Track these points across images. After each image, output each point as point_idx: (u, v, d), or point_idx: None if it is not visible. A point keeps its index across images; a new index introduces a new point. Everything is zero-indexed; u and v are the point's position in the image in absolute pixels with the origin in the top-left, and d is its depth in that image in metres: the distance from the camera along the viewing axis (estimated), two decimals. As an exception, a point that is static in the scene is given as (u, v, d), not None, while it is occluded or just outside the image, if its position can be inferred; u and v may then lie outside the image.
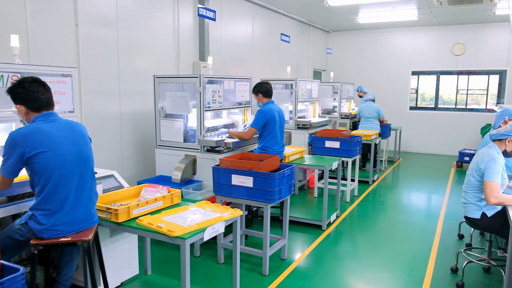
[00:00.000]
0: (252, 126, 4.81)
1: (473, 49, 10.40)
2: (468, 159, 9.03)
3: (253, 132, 4.82)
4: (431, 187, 7.60)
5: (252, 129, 4.81)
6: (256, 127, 4.78)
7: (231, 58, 7.40)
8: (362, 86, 9.52)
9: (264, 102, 4.94)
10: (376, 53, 11.50)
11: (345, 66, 11.89)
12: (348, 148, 6.09)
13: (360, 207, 6.18)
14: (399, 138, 10.19)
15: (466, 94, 11.44)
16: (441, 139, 10.93)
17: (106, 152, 4.94)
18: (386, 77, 11.41)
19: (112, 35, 4.93)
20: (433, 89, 11.59)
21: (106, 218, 2.89)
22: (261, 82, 5.01)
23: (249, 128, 4.85)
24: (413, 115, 11.26)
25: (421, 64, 11.06)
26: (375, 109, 8.29)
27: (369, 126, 8.23)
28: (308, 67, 10.79)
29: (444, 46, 10.68)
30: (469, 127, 10.59)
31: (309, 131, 6.91)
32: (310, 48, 10.79)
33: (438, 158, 10.47)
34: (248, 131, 4.85)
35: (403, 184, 7.88)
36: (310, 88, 7.56)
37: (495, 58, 10.22)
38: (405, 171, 9.00)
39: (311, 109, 7.90)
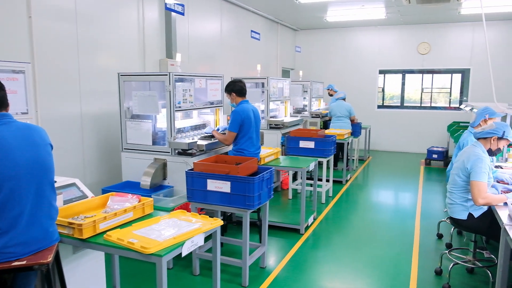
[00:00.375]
0: (230, 129, 4.54)
1: (438, 48, 10.57)
2: (436, 157, 9.15)
3: (233, 137, 4.57)
4: (404, 185, 7.59)
5: (231, 133, 4.55)
6: (234, 130, 4.53)
7: (200, 56, 7.08)
8: (333, 85, 9.44)
9: (238, 101, 4.68)
10: (344, 52, 11.49)
11: (313, 65, 11.81)
12: (323, 148, 5.93)
13: (336, 208, 6.04)
14: (369, 137, 10.21)
15: (431, 92, 11.66)
16: (408, 137, 11.06)
17: (66, 157, 4.52)
18: (354, 76, 11.42)
19: (71, 29, 4.51)
20: (398, 88, 11.74)
21: (68, 234, 2.53)
22: (234, 80, 4.75)
23: (227, 133, 4.58)
24: (380, 114, 11.34)
25: (388, 63, 11.14)
26: (346, 108, 8.21)
27: (341, 125, 8.13)
28: (276, 66, 10.62)
29: (410, 45, 10.80)
30: (435, 125, 10.77)
31: (282, 131, 6.71)
32: (279, 46, 10.62)
33: (406, 156, 10.57)
34: (228, 137, 4.59)
35: (375, 183, 7.83)
36: (282, 86, 7.36)
37: (459, 57, 10.43)
38: (376, 169, 8.99)
39: (282, 108, 7.71)
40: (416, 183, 7.62)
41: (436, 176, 8.40)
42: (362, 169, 8.91)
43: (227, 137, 4.57)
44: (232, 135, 4.54)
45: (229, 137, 4.56)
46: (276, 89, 7.04)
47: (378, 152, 11.11)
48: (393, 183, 7.79)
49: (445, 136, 10.35)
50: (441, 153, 9.10)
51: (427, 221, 5.45)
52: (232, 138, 4.56)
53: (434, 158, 9.17)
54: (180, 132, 4.78)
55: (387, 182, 7.87)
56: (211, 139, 4.71)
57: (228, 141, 4.60)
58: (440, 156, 9.10)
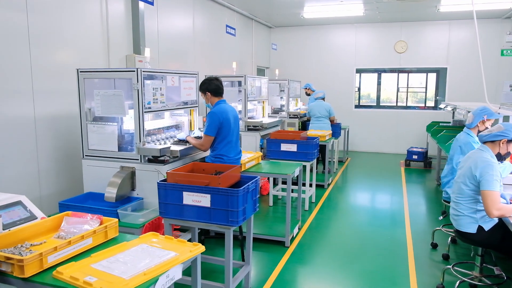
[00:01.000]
0: (206, 133, 4.02)
1: (415, 47, 10.41)
2: (416, 158, 8.94)
3: (210, 141, 4.05)
4: (387, 188, 7.30)
5: (208, 137, 4.03)
6: (211, 134, 4.01)
7: (171, 53, 6.54)
8: (310, 84, 9.08)
9: (215, 102, 4.18)
10: (321, 50, 11.17)
11: (289, 63, 11.44)
12: (305, 151, 5.53)
13: (321, 215, 5.65)
14: (347, 138, 9.92)
15: (406, 92, 11.53)
16: (386, 137, 10.86)
17: (16, 167, 3.90)
18: (331, 74, 11.13)
19: (20, 19, 3.89)
20: (374, 87, 11.55)
21: (7, 272, 1.99)
22: (210, 78, 4.23)
23: (204, 137, 4.06)
24: (358, 114, 11.09)
25: (365, 62, 10.90)
26: (326, 108, 7.86)
27: (321, 126, 7.77)
28: (252, 64, 10.17)
29: (387, 44, 10.60)
30: (413, 125, 10.61)
31: (261, 133, 6.27)
32: (254, 44, 10.17)
33: (385, 157, 10.35)
34: (204, 141, 4.05)
35: (358, 186, 7.51)
36: (259, 85, 6.92)
37: (436, 56, 10.30)
38: (357, 171, 8.69)
39: (260, 108, 7.26)
40: (400, 186, 7.35)
41: (418, 178, 8.17)
42: (342, 171, 8.59)
43: (203, 142, 4.06)
44: (209, 140, 4.03)
45: (206, 142, 4.05)
46: (254, 88, 6.59)
47: (356, 153, 10.85)
48: (376, 186, 7.49)
49: (423, 136, 10.20)
50: (421, 154, 8.90)
51: (418, 228, 5.14)
52: (209, 143, 4.05)
53: (414, 159, 8.96)
54: (150, 135, 4.23)
55: (370, 185, 7.57)
56: (186, 144, 4.19)
57: (205, 147, 4.08)
58: (420, 157, 8.90)
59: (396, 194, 6.83)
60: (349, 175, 8.30)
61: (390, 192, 7.03)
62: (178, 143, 4.24)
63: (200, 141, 4.09)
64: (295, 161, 5.42)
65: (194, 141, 4.10)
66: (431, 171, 8.71)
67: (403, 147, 10.63)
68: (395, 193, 6.91)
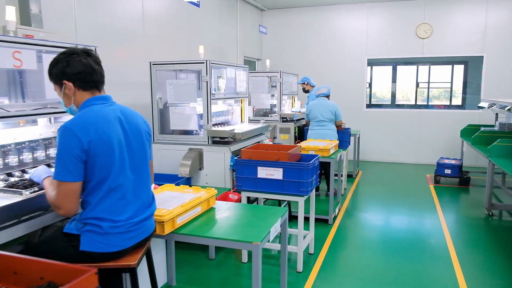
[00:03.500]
0: (57, 178, 1.86)
1: (441, 31, 8.30)
2: (450, 172, 6.83)
3: (70, 193, 1.87)
4: (420, 220, 5.19)
5: (62, 185, 1.86)
6: (66, 177, 1.85)
7: (101, 31, 4.50)
8: (309, 78, 7.00)
9: (81, 101, 2.02)
10: (324, 37, 9.09)
11: (285, 54, 9.37)
12: (297, 179, 3.45)
13: (325, 280, 3.56)
14: (358, 145, 7.84)
15: (428, 88, 9.46)
16: (405, 144, 8.76)
17: None
18: (336, 67, 9.05)
19: None
20: (388, 83, 9.50)
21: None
22: (70, 52, 2.00)
23: (57, 185, 1.88)
24: (369, 115, 9.00)
25: (378, 51, 8.80)
26: (331, 108, 5.80)
27: (324, 133, 5.72)
28: (236, 54, 8.11)
29: (406, 28, 8.50)
30: (438, 128, 8.50)
31: (233, 148, 4.22)
32: (239, 29, 8.11)
33: (404, 169, 8.26)
34: (57, 197, 1.89)
35: (378, 217, 5.41)
36: (235, 77, 4.86)
37: (468, 42, 8.18)
38: (373, 191, 6.60)
39: (238, 110, 5.22)
40: (434, 215, 5.27)
41: (457, 201, 6.08)
42: (353, 192, 6.50)
43: (55, 199, 1.90)
44: (67, 190, 1.87)
45: (62, 197, 1.87)
46: (225, 81, 4.54)
47: (369, 164, 8.76)
48: (403, 216, 5.40)
49: (454, 143, 8.13)
50: (456, 168, 6.79)
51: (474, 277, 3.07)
52: (70, 196, 1.88)
53: (446, 174, 6.86)
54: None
55: (394, 214, 5.48)
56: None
57: (64, 207, 1.89)
58: (455, 172, 6.79)
59: (433, 228, 4.76)
60: (362, 198, 6.21)
61: (424, 225, 4.95)
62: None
63: (50, 195, 1.96)
64: (281, 194, 3.42)
65: (48, 186, 2.00)
66: (470, 190, 6.61)
67: (427, 156, 8.54)
68: (431, 226, 4.84)
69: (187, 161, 4.05)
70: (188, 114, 4.22)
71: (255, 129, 4.80)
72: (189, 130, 4.31)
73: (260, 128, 4.90)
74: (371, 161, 8.95)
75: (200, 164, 4.23)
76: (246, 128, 4.60)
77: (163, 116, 4.41)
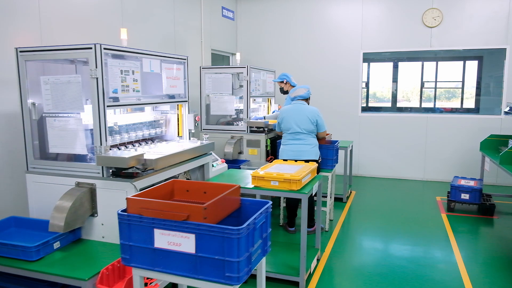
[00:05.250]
0: None
1: (453, 17, 6.75)
2: (467, 198, 5.26)
3: None
4: (433, 269, 3.64)
5: None
6: None
7: None
8: (289, 75, 5.44)
9: None
10: (311, 28, 7.53)
11: (264, 48, 7.82)
12: (221, 256, 1.87)
13: None
14: (350, 159, 6.32)
15: (435, 88, 7.95)
16: (409, 156, 7.20)
17: None
18: (325, 63, 7.49)
19: None
20: (388, 82, 8.00)
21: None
22: None
23: None
24: (366, 120, 7.44)
25: (376, 44, 7.25)
26: (311, 116, 4.27)
27: (300, 149, 4.21)
28: (201, 47, 6.56)
29: (410, 14, 6.95)
30: (450, 137, 6.95)
31: (141, 183, 2.67)
32: (204, 17, 6.57)
33: (409, 187, 6.70)
34: None
35: (375, 269, 3.85)
36: (160, 71, 3.31)
37: (488, 31, 6.63)
38: (367, 226, 5.04)
39: (174, 120, 3.67)
40: (453, 262, 3.73)
41: (482, 239, 4.52)
42: (341, 225, 4.95)
43: None
44: None
45: None
46: (135, 77, 2.97)
47: (364, 180, 7.21)
48: (410, 268, 3.83)
49: (471, 156, 6.59)
50: (475, 193, 5.22)
51: None
52: None
53: (463, 199, 5.30)
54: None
55: (398, 263, 3.92)
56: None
57: None
58: (474, 197, 5.23)
59: (450, 279, 3.24)
60: (353, 237, 4.66)
61: (438, 273, 3.40)
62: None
63: None
64: (194, 278, 1.93)
65: None
66: (494, 222, 5.05)
67: (435, 171, 7.01)
68: (447, 276, 3.31)
69: (66, 202, 2.51)
70: (72, 130, 2.68)
71: (192, 148, 3.24)
72: (77, 154, 2.76)
73: (196, 149, 3.32)
74: (368, 177, 7.40)
75: (93, 208, 2.69)
76: (172, 150, 3.04)
77: (41, 132, 2.87)
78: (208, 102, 5.38)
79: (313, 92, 7.25)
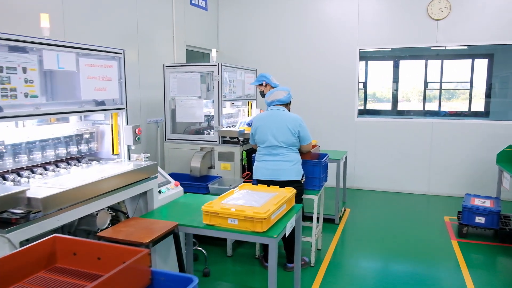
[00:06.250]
0: None
1: (463, 9, 5.89)
2: (483, 222, 4.40)
3: None
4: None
5: None
6: None
7: None
8: (268, 75, 4.52)
9: None
10: (301, 23, 6.67)
11: (249, 45, 6.96)
12: None
13: None
14: (344, 171, 5.47)
15: (440, 89, 7.15)
16: (411, 167, 6.34)
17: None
18: (317, 61, 6.64)
19: None
20: (388, 83, 7.23)
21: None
22: None
23: None
24: (363, 126, 6.57)
25: (374, 39, 6.38)
26: (291, 125, 3.42)
27: (278, 167, 3.39)
28: (173, 42, 5.70)
29: (413, 5, 6.08)
30: (458, 144, 6.09)
31: (19, 236, 1.80)
32: (176, 9, 5.71)
33: (411, 204, 5.84)
34: None
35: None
36: (76, 69, 2.43)
37: (502, 25, 5.77)
38: (363, 251, 4.19)
39: (108, 132, 2.81)
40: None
41: (503, 275, 3.66)
42: (332, 255, 4.09)
43: None
44: None
45: None
46: (36, 77, 2.11)
47: (361, 194, 6.35)
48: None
49: (485, 169, 5.76)
50: (493, 216, 4.35)
51: None
52: None
53: (478, 223, 4.43)
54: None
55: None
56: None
57: None
58: (491, 221, 4.36)
59: None
60: (347, 271, 3.80)
61: None
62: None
63: None
64: None
65: None
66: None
67: (442, 184, 6.18)
68: None
69: None
70: None
71: (110, 178, 2.35)
72: None
73: (129, 174, 2.45)
74: (365, 190, 6.54)
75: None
76: (85, 178, 2.18)
77: None
78: (173, 106, 4.52)
79: (303, 93, 6.47)
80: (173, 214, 2.68)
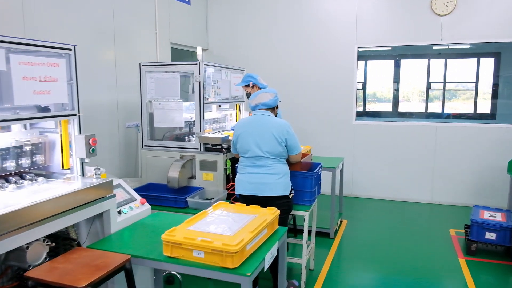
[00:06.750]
0: None
1: (469, 4, 5.45)
2: (494, 238, 3.96)
3: None
4: None
5: None
6: None
7: None
8: (255, 75, 4.08)
9: None
10: (295, 20, 6.23)
11: (240, 43, 6.52)
12: None
13: None
14: (341, 179, 5.05)
15: (443, 89, 6.77)
16: (414, 173, 5.90)
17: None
18: (312, 61, 6.20)
19: None
20: (388, 83, 6.85)
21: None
22: None
23: None
24: (362, 129, 6.14)
25: (374, 37, 5.94)
26: (277, 131, 2.98)
27: (262, 181, 2.96)
28: (155, 39, 5.27)
29: (415, 1, 5.65)
30: (464, 150, 5.65)
31: None
32: (159, 3, 5.28)
33: (414, 215, 5.41)
34: None
35: None
36: (6, 68, 1.99)
37: (511, 21, 5.33)
38: (361, 271, 3.76)
39: (57, 144, 2.37)
40: None
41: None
42: (326, 276, 3.65)
43: None
44: None
45: None
46: None
47: (359, 203, 5.91)
48: None
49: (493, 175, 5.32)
50: (505, 232, 3.92)
51: None
52: None
53: (488, 240, 3.99)
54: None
55: None
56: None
57: None
58: (503, 238, 3.93)
59: None
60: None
61: None
62: None
63: None
64: None
65: None
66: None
67: (446, 193, 5.75)
68: None
69: None
70: None
71: (44, 202, 1.92)
72: None
73: (74, 196, 2.01)
74: (363, 198, 6.10)
75: None
76: (15, 203, 1.75)
77: None
78: (151, 110, 4.09)
79: (297, 95, 6.04)
80: (131, 241, 2.25)
